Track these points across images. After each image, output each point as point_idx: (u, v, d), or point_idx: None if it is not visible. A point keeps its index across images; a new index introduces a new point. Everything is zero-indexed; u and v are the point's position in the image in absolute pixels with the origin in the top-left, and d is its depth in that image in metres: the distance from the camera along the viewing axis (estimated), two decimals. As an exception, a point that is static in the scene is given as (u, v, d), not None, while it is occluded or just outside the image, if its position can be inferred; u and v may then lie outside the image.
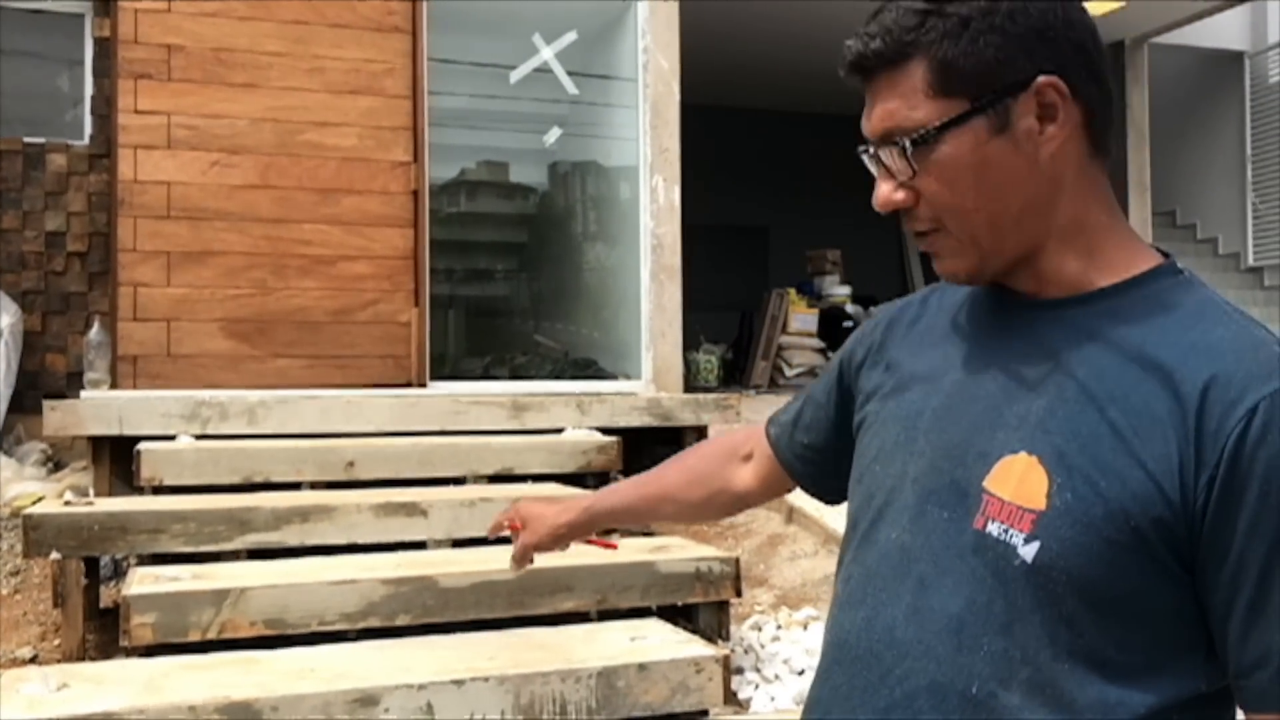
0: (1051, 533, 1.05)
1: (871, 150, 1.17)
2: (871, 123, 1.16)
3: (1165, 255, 1.17)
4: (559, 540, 1.71)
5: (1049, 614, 1.06)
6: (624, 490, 1.67)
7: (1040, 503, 1.06)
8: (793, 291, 9.46)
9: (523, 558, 1.75)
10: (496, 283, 7.06)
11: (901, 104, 1.12)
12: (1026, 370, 1.14)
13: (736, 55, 9.87)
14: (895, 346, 1.30)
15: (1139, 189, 9.19)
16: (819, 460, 1.43)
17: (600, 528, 1.71)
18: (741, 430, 1.59)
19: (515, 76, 6.05)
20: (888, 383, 1.28)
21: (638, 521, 1.65)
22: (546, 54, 6.02)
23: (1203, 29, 9.35)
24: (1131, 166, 9.12)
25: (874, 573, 1.19)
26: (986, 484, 1.10)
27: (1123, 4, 8.31)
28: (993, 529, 1.09)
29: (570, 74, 6.09)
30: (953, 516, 1.13)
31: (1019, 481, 1.08)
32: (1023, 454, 1.09)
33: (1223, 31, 9.72)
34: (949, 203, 1.13)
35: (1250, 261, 10.04)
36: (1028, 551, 1.06)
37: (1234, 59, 9.93)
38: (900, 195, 1.15)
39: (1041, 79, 1.10)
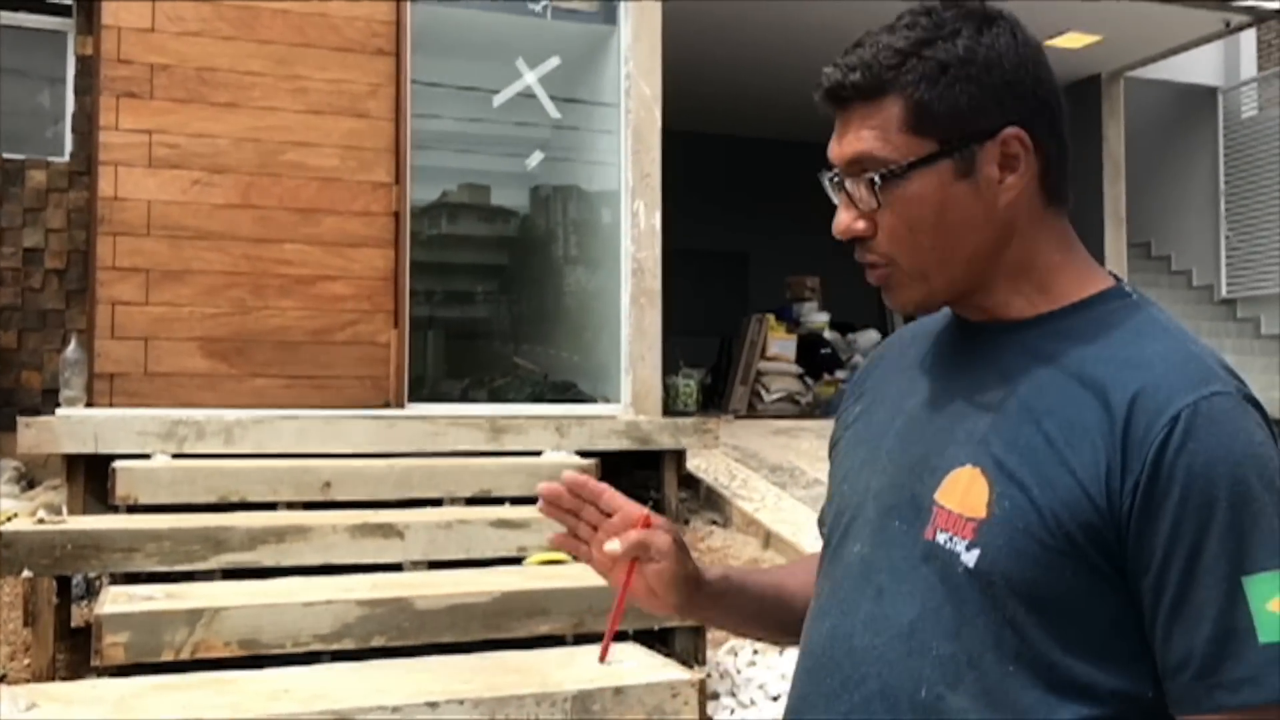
0: (990, 539, 1.10)
1: (835, 177, 1.21)
2: (841, 149, 1.19)
3: (1117, 280, 1.23)
4: (679, 570, 1.34)
5: (993, 618, 1.10)
6: (755, 577, 1.47)
7: (981, 511, 1.11)
8: (772, 317, 9.51)
9: (639, 544, 1.31)
10: (476, 305, 7.07)
11: (873, 136, 1.16)
12: (978, 390, 1.19)
13: (718, 82, 9.96)
14: (871, 379, 1.38)
15: (1115, 221, 9.28)
16: None
17: (721, 598, 1.40)
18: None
19: (498, 100, 6.07)
20: (861, 411, 1.34)
21: (755, 616, 1.42)
22: (530, 78, 6.05)
23: (1177, 64, 9.48)
24: (1108, 198, 9.22)
25: (839, 585, 1.23)
26: (937, 496, 1.16)
27: (1099, 38, 8.42)
28: (941, 538, 1.14)
29: (553, 99, 6.12)
30: (909, 529, 1.17)
31: (964, 492, 1.13)
32: (968, 466, 1.14)
33: (1197, 66, 9.87)
34: (905, 238, 1.18)
35: (1223, 294, 10.16)
36: (969, 558, 1.11)
37: (1208, 94, 10.07)
38: (860, 225, 1.20)
39: (1008, 130, 1.16)
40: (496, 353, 6.87)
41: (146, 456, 4.27)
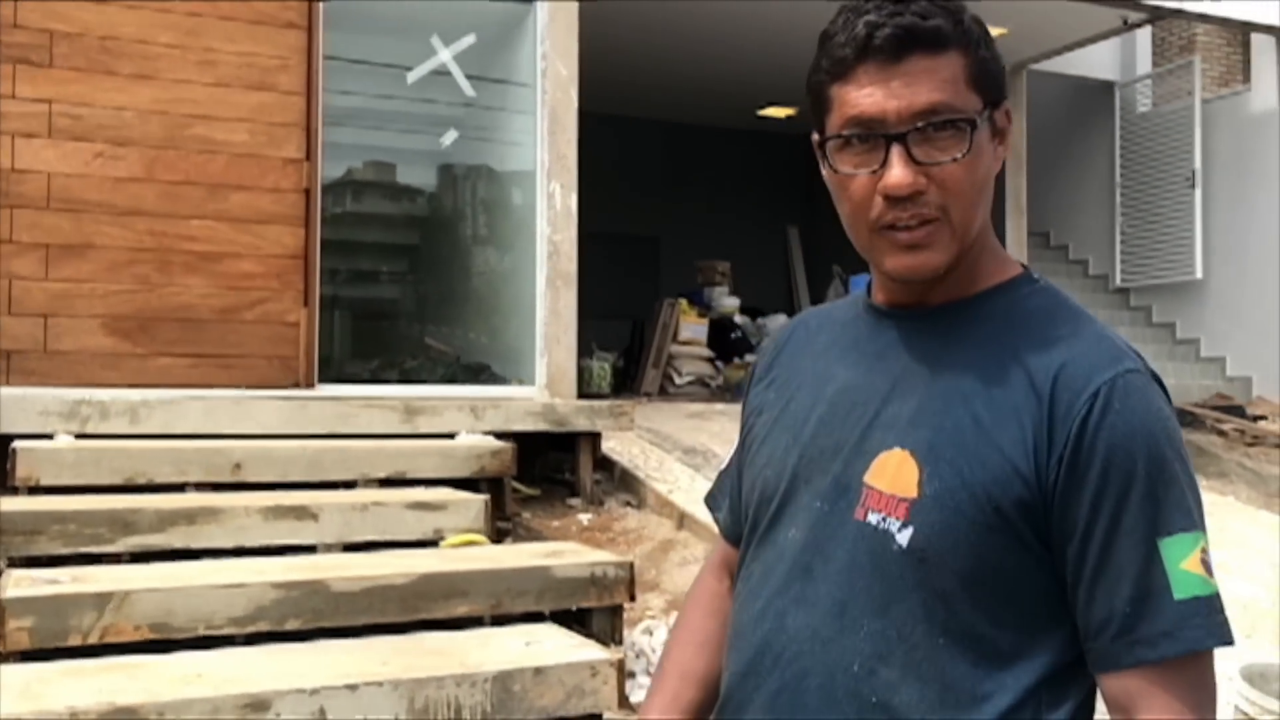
0: (923, 518, 1.14)
1: (886, 134, 1.15)
2: (911, 99, 1.14)
3: (1024, 267, 1.29)
4: None
5: (924, 594, 1.14)
6: (685, 698, 1.42)
7: (913, 491, 1.15)
8: (684, 302, 9.58)
9: None
10: (387, 285, 6.98)
11: (948, 86, 1.16)
12: (901, 374, 1.23)
13: (633, 64, 9.96)
14: (780, 366, 1.39)
15: (1016, 211, 9.53)
16: None
17: None
18: (703, 573, 1.52)
19: (412, 77, 6.00)
20: (774, 398, 1.36)
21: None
22: (445, 56, 5.99)
23: (1078, 58, 9.76)
24: (1009, 189, 9.46)
25: (770, 568, 1.27)
26: (866, 478, 1.19)
27: (1005, 31, 8.61)
28: (872, 518, 1.18)
29: (468, 77, 6.06)
30: (836, 510, 1.21)
31: (894, 474, 1.17)
32: (897, 449, 1.18)
33: (1097, 62, 10.17)
34: (965, 191, 1.17)
35: (1118, 283, 10.50)
36: (903, 537, 1.15)
37: (1106, 88, 10.38)
38: (923, 180, 1.16)
39: (1006, 102, 1.23)
40: (407, 334, 6.80)
41: (48, 437, 4.14)
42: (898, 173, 1.15)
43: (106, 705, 2.55)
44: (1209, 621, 1.10)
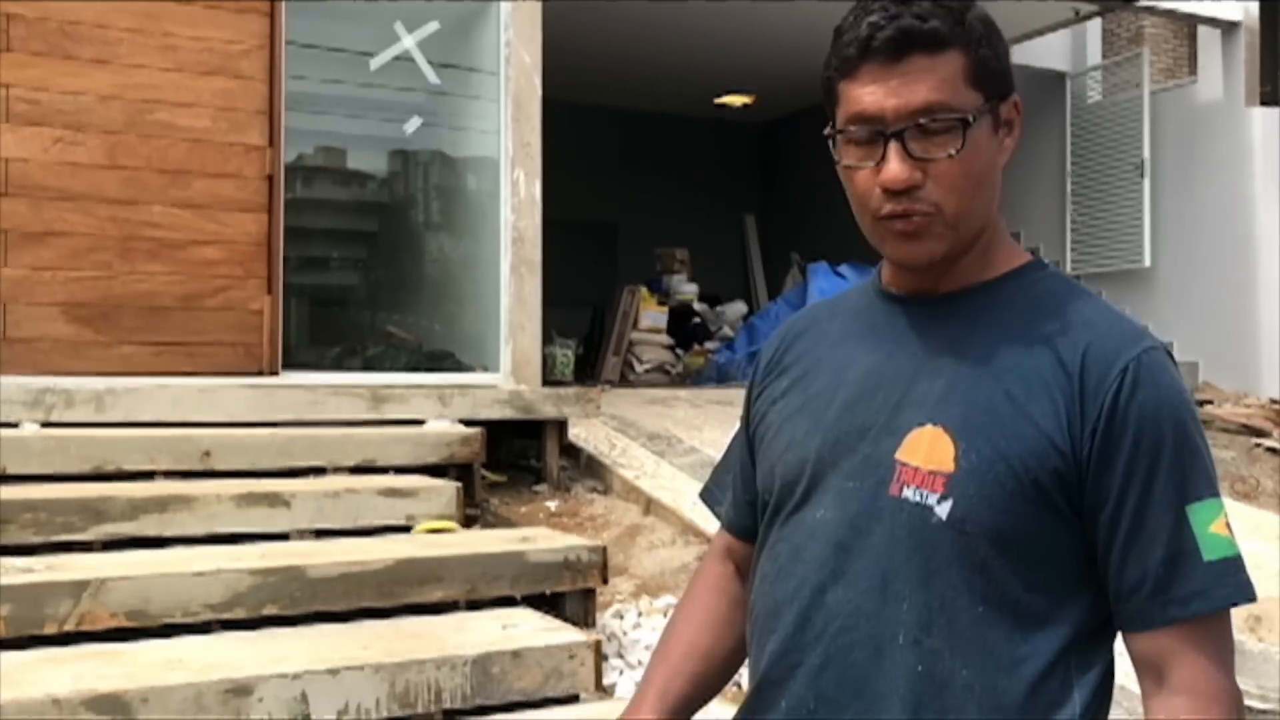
0: (962, 490, 1.19)
1: (883, 131, 1.21)
2: (908, 98, 1.20)
3: (1033, 254, 1.35)
4: None
5: (964, 564, 1.20)
6: (674, 688, 1.44)
7: (950, 465, 1.20)
8: (644, 289, 9.61)
9: None
10: (350, 272, 6.95)
11: (945, 86, 1.21)
12: (927, 356, 1.28)
13: (591, 51, 9.96)
14: (792, 355, 1.43)
15: (970, 198, 9.63)
16: None
17: None
18: (707, 559, 1.56)
19: (376, 64, 5.97)
20: (790, 386, 1.40)
21: (700, 708, 1.48)
22: (408, 42, 5.97)
23: (1029, 49, 9.89)
24: (964, 177, 9.55)
25: (801, 547, 1.30)
26: (898, 455, 1.24)
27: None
28: (909, 494, 1.22)
29: (432, 64, 6.05)
30: (868, 488, 1.25)
31: (929, 449, 1.22)
32: (929, 426, 1.23)
33: (1048, 52, 10.31)
34: (960, 185, 1.23)
35: (1069, 270, 10.68)
36: (942, 509, 1.20)
37: (1057, 79, 10.53)
38: (918, 175, 1.22)
39: (1014, 95, 1.27)
40: (370, 321, 6.78)
41: (13, 425, 4.10)
42: (894, 168, 1.21)
43: (89, 692, 2.55)
44: (1236, 580, 1.18)
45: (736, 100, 12.25)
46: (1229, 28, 9.25)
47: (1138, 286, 9.80)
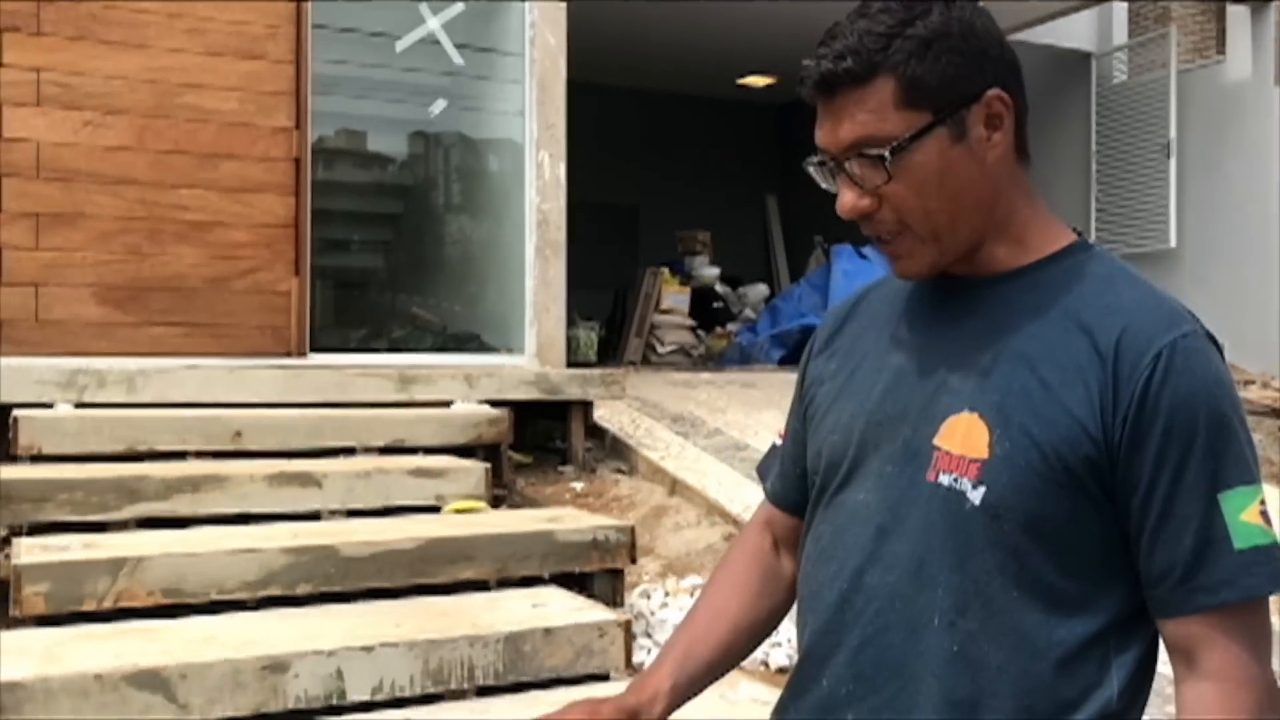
0: (995, 477, 1.20)
1: (830, 162, 1.27)
2: (838, 135, 1.24)
3: (1078, 233, 1.34)
4: None
5: (998, 549, 1.21)
6: (696, 652, 1.46)
7: (983, 452, 1.21)
8: (666, 271, 9.62)
9: None
10: (375, 255, 6.98)
11: (871, 118, 1.22)
12: (967, 342, 1.28)
13: (613, 32, 9.94)
14: (843, 337, 1.45)
15: (994, 180, 9.58)
16: None
17: (683, 701, 1.45)
18: (747, 528, 1.58)
19: (401, 46, 5.98)
20: (838, 368, 1.42)
21: (722, 674, 1.50)
22: (433, 24, 5.98)
23: (1054, 29, 9.82)
24: (988, 158, 9.50)
25: (841, 530, 1.32)
26: (936, 441, 1.25)
27: (981, 3, 8.66)
28: (944, 479, 1.23)
29: (457, 46, 6.06)
30: (906, 473, 1.27)
31: (964, 436, 1.23)
32: (965, 412, 1.24)
33: (1073, 32, 10.23)
34: (916, 205, 1.24)
35: (1093, 252, 10.59)
36: (976, 495, 1.21)
37: (1083, 59, 10.45)
38: (866, 202, 1.25)
39: (990, 92, 1.25)
40: (396, 303, 6.81)
41: (47, 406, 4.15)
42: (841, 200, 1.27)
43: (129, 667, 2.59)
44: (1269, 569, 1.17)
45: (759, 81, 12.20)
46: (1259, 5, 9.15)
47: (1163, 268, 9.74)
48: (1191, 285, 9.43)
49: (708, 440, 5.75)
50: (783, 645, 3.71)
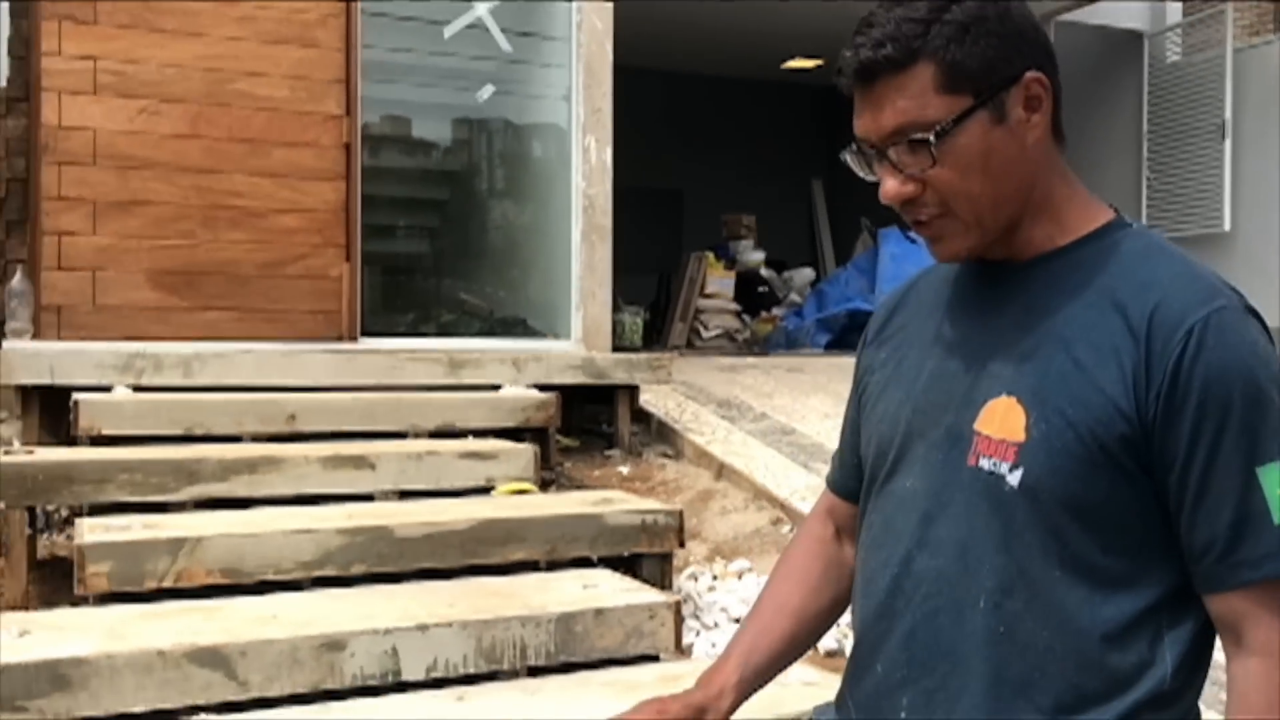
0: (1032, 459, 1.22)
1: (870, 150, 1.28)
2: (880, 123, 1.26)
3: (1116, 211, 1.34)
4: None
5: (1039, 530, 1.22)
6: (761, 644, 1.49)
7: (1020, 435, 1.23)
8: (711, 255, 9.60)
9: None
10: (422, 240, 7.03)
11: (913, 104, 1.24)
12: (1007, 326, 1.30)
13: (656, 16, 9.91)
14: (892, 326, 1.48)
15: (1043, 162, 9.46)
16: None
17: (749, 694, 1.49)
18: (810, 517, 1.61)
19: (449, 32, 6.01)
20: (888, 356, 1.45)
21: (789, 664, 1.54)
22: (481, 10, 6.00)
23: (1105, 9, 9.68)
24: (1037, 140, 9.39)
25: (890, 518, 1.35)
26: (976, 426, 1.27)
27: (1034, -19, 8.55)
28: (984, 463, 1.26)
29: (504, 31, 6.08)
30: (949, 458, 1.29)
31: (1002, 420, 1.25)
32: (1003, 396, 1.26)
33: (1124, 12, 10.07)
34: (960, 189, 1.26)
35: (1144, 234, 10.45)
36: (1014, 478, 1.23)
37: (1134, 38, 10.30)
38: (910, 188, 1.27)
39: (1029, 74, 1.26)
40: (443, 288, 6.86)
41: (104, 388, 4.23)
42: (885, 186, 1.29)
43: (190, 645, 2.65)
44: None
45: (804, 64, 12.13)
46: (1316, -17, 8.97)
47: (1216, 250, 9.58)
48: (1245, 269, 9.28)
49: (754, 425, 5.75)
50: (832, 629, 3.71)
